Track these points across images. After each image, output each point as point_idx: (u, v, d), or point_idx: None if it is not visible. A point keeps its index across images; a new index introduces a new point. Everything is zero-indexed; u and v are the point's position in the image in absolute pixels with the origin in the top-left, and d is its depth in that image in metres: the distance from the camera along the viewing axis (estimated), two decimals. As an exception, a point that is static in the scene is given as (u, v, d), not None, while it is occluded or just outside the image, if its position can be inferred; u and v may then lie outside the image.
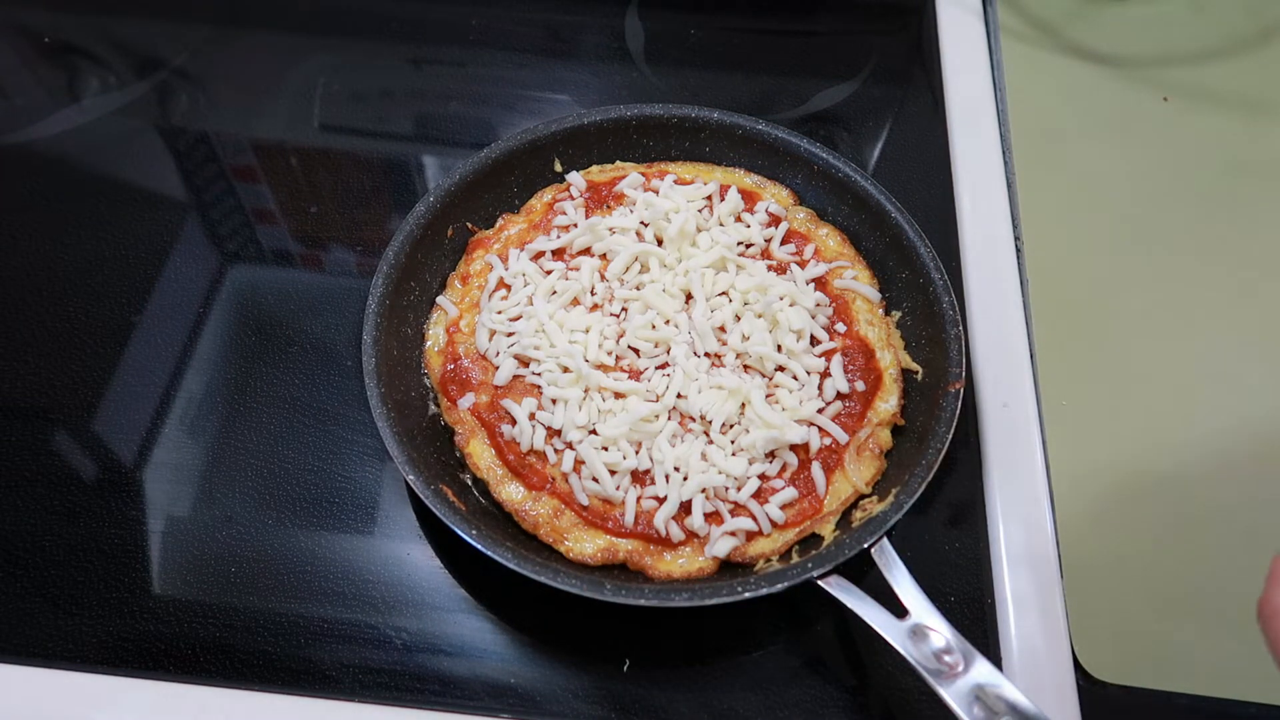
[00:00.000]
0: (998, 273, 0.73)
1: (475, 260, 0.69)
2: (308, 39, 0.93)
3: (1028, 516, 0.61)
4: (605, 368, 0.62)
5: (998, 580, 0.59)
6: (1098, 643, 0.57)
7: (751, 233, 0.68)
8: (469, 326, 0.66)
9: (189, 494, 0.64)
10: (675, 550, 0.58)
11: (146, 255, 0.76)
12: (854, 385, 0.62)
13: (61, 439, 0.67)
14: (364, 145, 0.85)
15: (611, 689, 0.57)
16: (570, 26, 0.95)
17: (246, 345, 0.71)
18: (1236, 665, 0.56)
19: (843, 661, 0.58)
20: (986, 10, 0.92)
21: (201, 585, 0.60)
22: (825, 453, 0.60)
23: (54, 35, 0.93)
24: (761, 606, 0.59)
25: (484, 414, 0.62)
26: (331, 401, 0.68)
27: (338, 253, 0.78)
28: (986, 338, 0.69)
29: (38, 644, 0.58)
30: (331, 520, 0.63)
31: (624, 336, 0.64)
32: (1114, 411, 0.66)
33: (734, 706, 0.56)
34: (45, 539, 0.62)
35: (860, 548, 0.53)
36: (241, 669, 0.57)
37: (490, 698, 0.56)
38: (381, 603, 0.60)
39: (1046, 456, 0.64)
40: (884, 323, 0.66)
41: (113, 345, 0.71)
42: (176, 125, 0.86)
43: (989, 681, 0.48)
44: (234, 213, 0.80)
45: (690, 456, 0.59)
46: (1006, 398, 0.66)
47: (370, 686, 0.56)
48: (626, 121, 0.74)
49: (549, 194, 0.73)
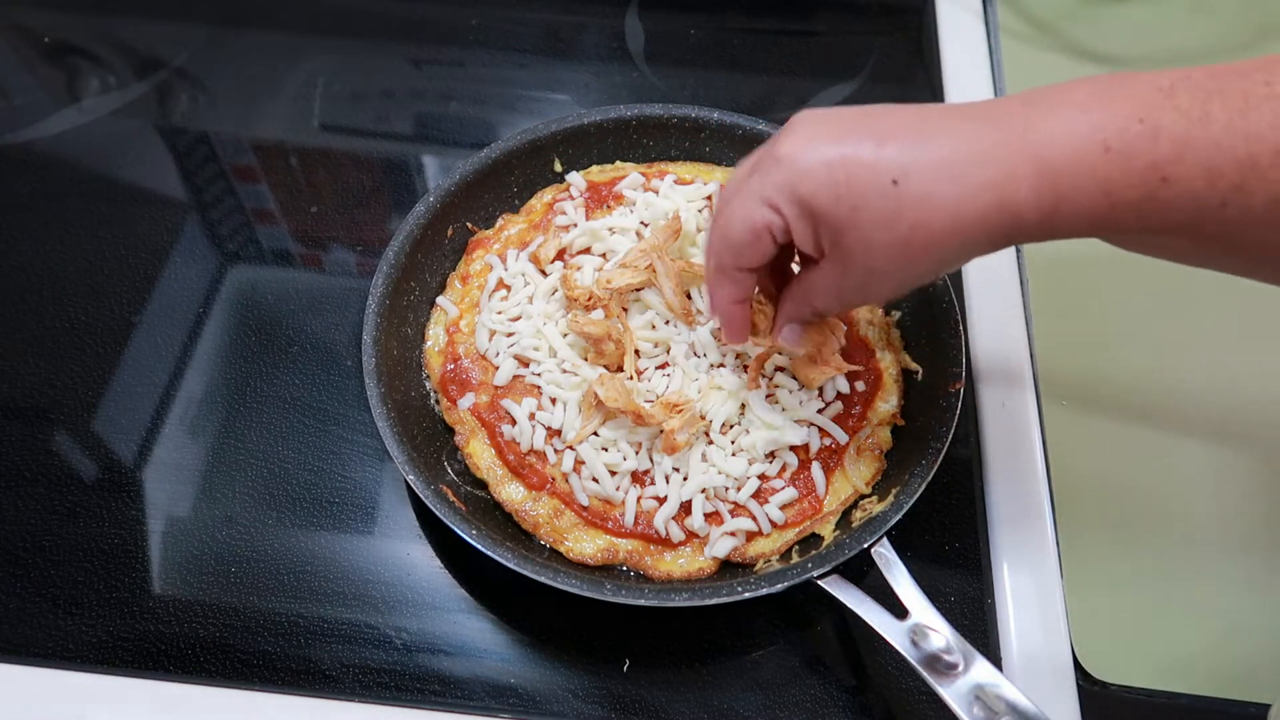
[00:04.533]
0: (998, 273, 0.73)
1: (475, 260, 0.69)
2: (308, 39, 0.93)
3: (1028, 517, 0.61)
4: (606, 367, 0.62)
5: (998, 580, 0.59)
6: (1098, 643, 0.57)
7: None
8: (469, 326, 0.66)
9: (189, 494, 0.64)
10: (675, 550, 0.58)
11: (146, 255, 0.76)
12: (854, 385, 0.62)
13: (61, 439, 0.67)
14: (364, 145, 0.85)
15: (611, 689, 0.57)
16: (570, 26, 0.95)
17: (246, 345, 0.71)
18: (1236, 665, 0.56)
19: (843, 661, 0.58)
20: (986, 10, 0.92)
21: (201, 585, 0.60)
22: (825, 453, 0.60)
23: (54, 35, 0.93)
24: (761, 606, 0.59)
25: (484, 414, 0.62)
26: (331, 401, 0.68)
27: (338, 253, 0.78)
28: (986, 338, 0.69)
29: (38, 644, 0.58)
30: (331, 520, 0.63)
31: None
32: (1114, 411, 0.66)
33: (734, 706, 0.56)
34: (45, 539, 0.62)
35: (860, 548, 0.53)
36: (241, 669, 0.57)
37: (490, 698, 0.56)
38: (381, 603, 0.60)
39: (1046, 456, 0.64)
40: (884, 323, 0.66)
41: (113, 345, 0.71)
42: (176, 125, 0.86)
43: (989, 681, 0.48)
44: (234, 213, 0.80)
45: (690, 457, 0.59)
46: (1006, 398, 0.66)
47: (370, 686, 0.57)
48: (626, 121, 0.74)
49: (549, 194, 0.73)
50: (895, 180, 0.43)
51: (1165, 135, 0.41)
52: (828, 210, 0.45)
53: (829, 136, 0.45)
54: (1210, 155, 0.40)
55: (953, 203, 0.43)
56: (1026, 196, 0.43)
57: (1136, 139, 0.41)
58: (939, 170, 0.43)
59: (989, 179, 0.43)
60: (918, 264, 0.46)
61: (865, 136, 0.44)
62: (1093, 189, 0.42)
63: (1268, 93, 0.40)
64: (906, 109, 0.46)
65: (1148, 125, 0.41)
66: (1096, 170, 0.42)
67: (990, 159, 0.43)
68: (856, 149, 0.44)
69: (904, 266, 0.46)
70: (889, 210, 0.44)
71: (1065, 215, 0.43)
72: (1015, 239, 0.45)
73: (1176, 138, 0.41)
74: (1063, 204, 0.43)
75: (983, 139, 0.43)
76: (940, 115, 0.45)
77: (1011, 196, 0.43)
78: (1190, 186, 0.41)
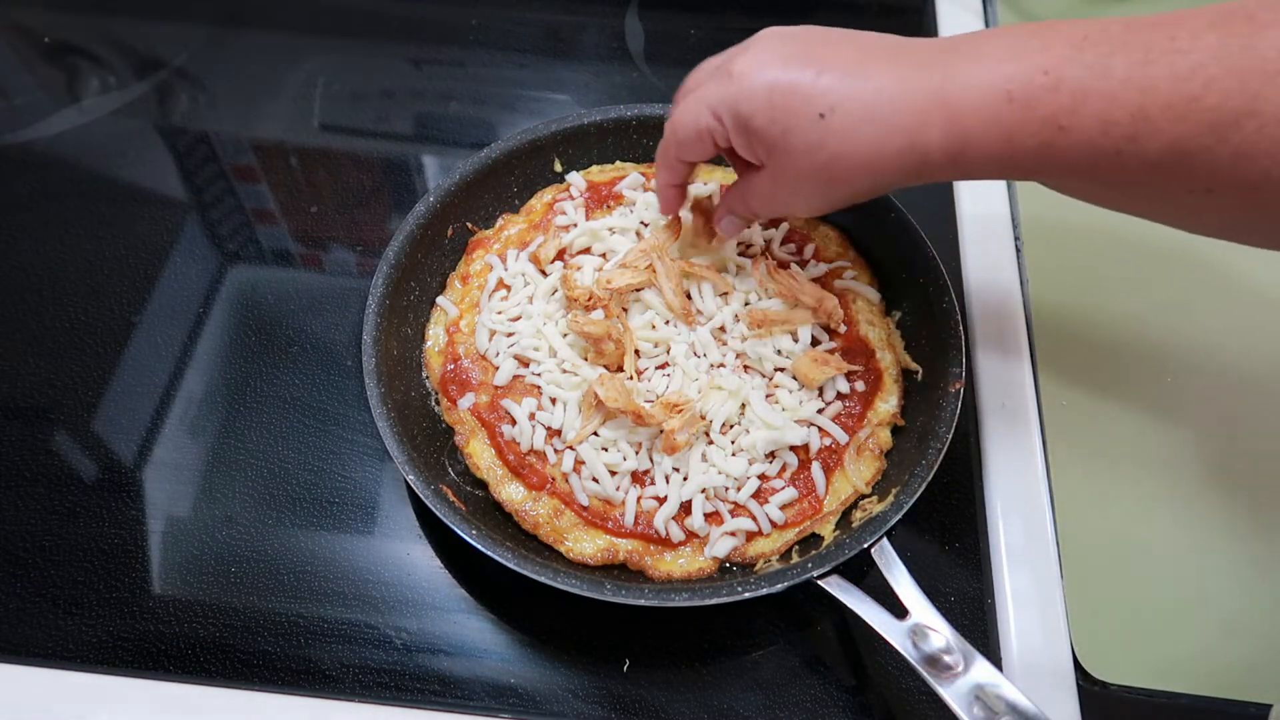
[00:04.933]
0: (998, 273, 0.73)
1: (475, 260, 0.69)
2: (308, 39, 0.93)
3: (1028, 516, 0.61)
4: (606, 367, 0.62)
5: (998, 580, 0.59)
6: (1098, 643, 0.57)
7: (751, 233, 0.68)
8: (469, 326, 0.66)
9: (189, 494, 0.64)
10: (675, 550, 0.58)
11: (146, 255, 0.76)
12: (854, 385, 0.62)
13: (61, 439, 0.67)
14: (364, 145, 0.85)
15: (611, 689, 0.57)
16: (570, 26, 0.95)
17: (246, 345, 0.71)
18: (1237, 665, 0.56)
19: (843, 661, 0.58)
20: (986, 10, 0.92)
21: (201, 585, 0.60)
22: (825, 453, 0.60)
23: (54, 35, 0.93)
24: (761, 606, 0.59)
25: (484, 414, 0.62)
26: (331, 401, 0.68)
27: (338, 253, 0.78)
28: (986, 338, 0.69)
29: (38, 644, 0.58)
30: (331, 520, 0.63)
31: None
32: (1114, 411, 0.66)
33: (734, 706, 0.56)
34: (45, 539, 0.62)
35: (860, 548, 0.53)
36: (241, 669, 0.57)
37: (490, 698, 0.56)
38: (381, 603, 0.60)
39: (1046, 456, 0.64)
40: (884, 323, 0.66)
41: (113, 345, 0.71)
42: (176, 125, 0.86)
43: (989, 681, 0.48)
44: (234, 213, 0.80)
45: (690, 457, 0.59)
46: (1006, 398, 0.66)
47: (370, 686, 0.57)
48: (626, 121, 0.74)
49: (549, 194, 0.73)
50: (823, 114, 0.48)
51: (1066, 87, 0.44)
52: (763, 130, 0.50)
53: (777, 61, 0.49)
54: (1105, 106, 0.43)
55: (870, 141, 0.48)
56: (936, 140, 0.47)
57: (1039, 90, 0.44)
58: (862, 110, 0.47)
59: (905, 123, 0.47)
60: (833, 189, 0.51)
61: (808, 65, 0.48)
62: (996, 135, 0.46)
63: (1170, 47, 0.42)
64: (857, 43, 0.50)
65: (1051, 77, 0.44)
66: (1000, 118, 0.45)
67: (908, 104, 0.47)
68: (797, 77, 0.48)
69: (822, 189, 0.51)
70: (814, 139, 0.48)
71: (970, 158, 0.47)
72: (925, 177, 0.49)
73: (1075, 89, 0.43)
74: (968, 148, 0.47)
75: (905, 83, 0.47)
76: (878, 55, 0.49)
77: (923, 139, 0.47)
78: (1086, 136, 0.44)
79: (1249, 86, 0.40)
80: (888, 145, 0.47)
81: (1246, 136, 0.41)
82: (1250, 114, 0.40)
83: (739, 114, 0.50)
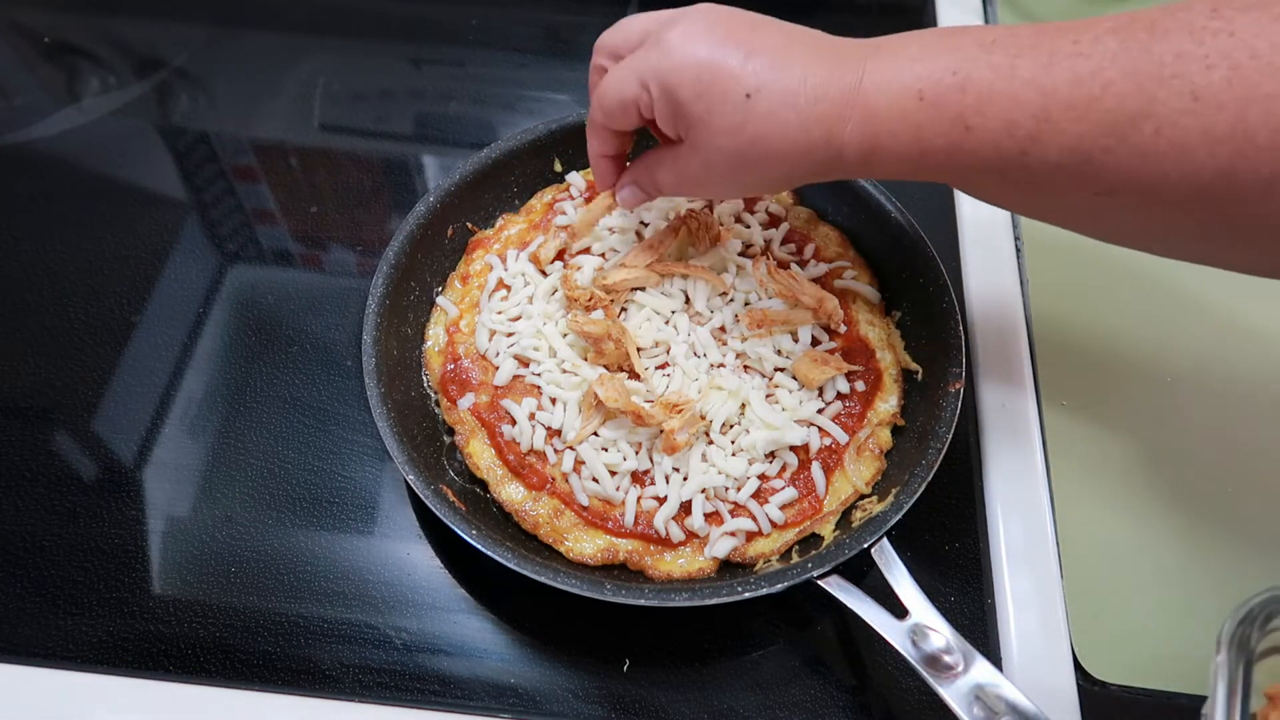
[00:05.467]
0: (998, 273, 0.73)
1: (475, 260, 0.69)
2: (308, 39, 0.93)
3: (1028, 516, 0.61)
4: (606, 367, 0.62)
5: (998, 580, 0.59)
6: (1098, 643, 0.57)
7: (751, 233, 0.68)
8: (469, 326, 0.66)
9: (189, 494, 0.64)
10: (675, 550, 0.58)
11: (146, 255, 0.76)
12: (854, 385, 0.62)
13: (61, 439, 0.67)
14: (364, 145, 0.85)
15: (611, 689, 0.57)
16: (570, 26, 0.95)
17: (246, 345, 0.71)
18: (1236, 665, 0.56)
19: (843, 661, 0.58)
20: (986, 10, 0.92)
21: (201, 585, 0.60)
22: (825, 453, 0.60)
23: (54, 35, 0.93)
24: (761, 606, 0.59)
25: (484, 414, 0.62)
26: (331, 401, 0.68)
27: (338, 253, 0.78)
28: (986, 338, 0.69)
29: (38, 644, 0.58)
30: (331, 520, 0.63)
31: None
32: (1114, 411, 0.66)
33: (734, 706, 0.56)
34: (45, 539, 0.62)
35: (860, 548, 0.53)
36: (241, 669, 0.57)
37: (490, 698, 0.56)
38: (381, 603, 0.60)
39: (1046, 456, 0.64)
40: (884, 323, 0.66)
41: (113, 345, 0.71)
42: (176, 125, 0.86)
43: (989, 681, 0.48)
44: (234, 213, 0.80)
45: (690, 457, 0.59)
46: (1006, 398, 0.66)
47: (370, 686, 0.57)
48: (626, 121, 0.73)
49: (549, 194, 0.73)
50: (749, 94, 0.48)
51: (973, 87, 0.44)
52: (688, 104, 0.50)
53: (709, 38, 0.49)
54: (1008, 107, 0.44)
55: (790, 128, 0.48)
56: (851, 137, 0.48)
57: (948, 91, 0.45)
58: (785, 96, 0.48)
59: (822, 115, 0.48)
60: (747, 173, 0.51)
61: (738, 46, 0.49)
62: (906, 135, 0.47)
63: (1072, 50, 0.43)
64: (785, 32, 0.51)
65: (959, 77, 0.45)
66: (910, 117, 0.46)
67: (828, 98, 0.47)
68: (726, 57, 0.49)
69: (736, 171, 0.51)
70: (737, 119, 0.49)
71: (883, 156, 0.48)
72: (839, 172, 0.50)
73: (981, 91, 0.44)
74: (880, 147, 0.48)
75: (828, 78, 0.48)
76: (804, 46, 0.50)
77: (838, 135, 0.48)
78: (991, 136, 0.45)
79: (1145, 89, 0.41)
80: (805, 135, 0.48)
81: (1145, 138, 0.42)
82: (1146, 115, 0.41)
83: (666, 85, 0.50)
